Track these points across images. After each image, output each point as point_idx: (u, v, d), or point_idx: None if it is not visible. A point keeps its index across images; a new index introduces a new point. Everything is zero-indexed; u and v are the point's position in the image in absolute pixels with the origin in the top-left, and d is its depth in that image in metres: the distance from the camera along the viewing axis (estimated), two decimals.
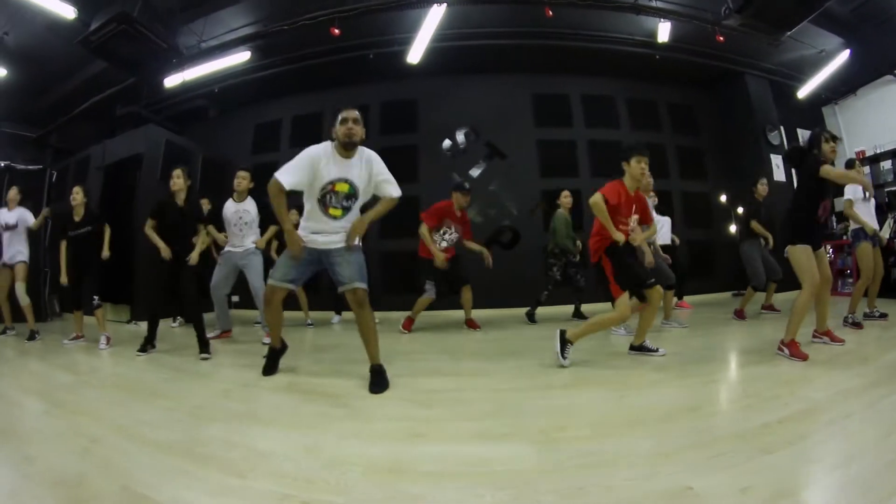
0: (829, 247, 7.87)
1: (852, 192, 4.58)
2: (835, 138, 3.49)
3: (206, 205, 5.38)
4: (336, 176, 2.95)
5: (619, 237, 3.37)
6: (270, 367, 3.34)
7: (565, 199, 5.86)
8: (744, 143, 8.35)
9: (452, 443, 2.02)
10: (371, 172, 3.04)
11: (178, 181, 4.41)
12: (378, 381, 2.90)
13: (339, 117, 2.96)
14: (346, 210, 3.02)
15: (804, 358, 3.12)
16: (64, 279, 4.94)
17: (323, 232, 3.04)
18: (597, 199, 3.40)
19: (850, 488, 1.48)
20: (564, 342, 3.43)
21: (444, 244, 5.26)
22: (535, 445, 1.93)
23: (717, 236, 8.25)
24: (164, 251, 4.26)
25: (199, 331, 4.16)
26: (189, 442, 2.07)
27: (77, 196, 4.95)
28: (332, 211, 2.99)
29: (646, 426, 2.11)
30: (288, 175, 2.88)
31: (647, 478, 1.59)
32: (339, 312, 6.60)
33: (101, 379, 3.51)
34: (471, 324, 5.50)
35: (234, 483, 1.66)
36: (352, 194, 3.00)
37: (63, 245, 4.98)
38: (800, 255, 3.35)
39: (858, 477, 1.54)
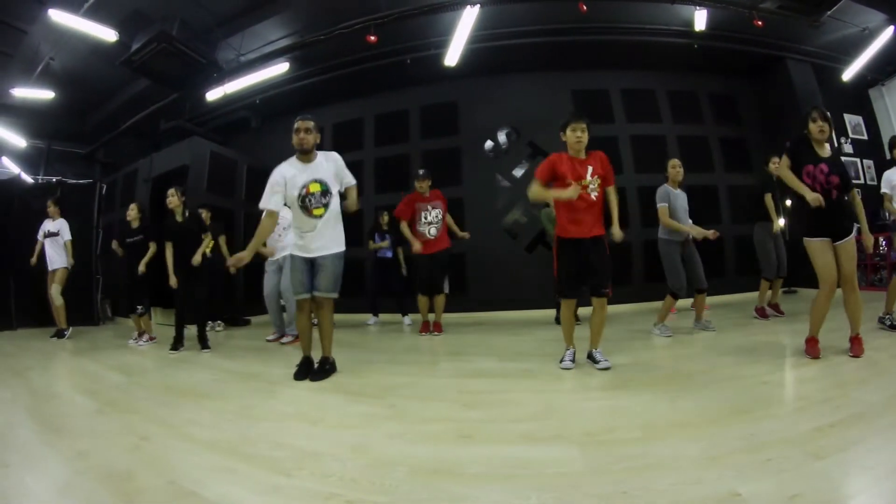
0: (881, 238, 7.43)
1: (888, 185, 4.21)
2: (825, 117, 3.24)
3: (205, 214, 5.60)
4: (307, 179, 3.29)
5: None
6: (300, 374, 3.36)
7: None
8: (788, 131, 7.97)
9: (498, 444, 1.99)
10: (336, 168, 3.39)
11: (173, 199, 4.79)
12: (322, 371, 3.33)
13: (294, 127, 3.34)
14: (326, 207, 3.32)
15: (815, 356, 3.07)
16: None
17: (310, 233, 3.32)
18: (532, 189, 3.35)
19: None
20: None
21: (431, 230, 5.21)
22: (581, 448, 1.88)
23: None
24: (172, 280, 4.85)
25: (178, 328, 4.78)
26: (237, 441, 2.09)
27: (131, 212, 5.43)
28: (315, 212, 3.30)
29: (694, 429, 2.03)
30: (267, 201, 3.30)
31: (693, 482, 1.54)
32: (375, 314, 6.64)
33: (152, 380, 3.62)
34: (436, 327, 5.38)
35: (281, 481, 1.67)
36: (326, 191, 3.32)
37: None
38: (810, 249, 3.18)
39: None
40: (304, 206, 3.28)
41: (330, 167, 3.35)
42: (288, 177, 3.28)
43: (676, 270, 4.51)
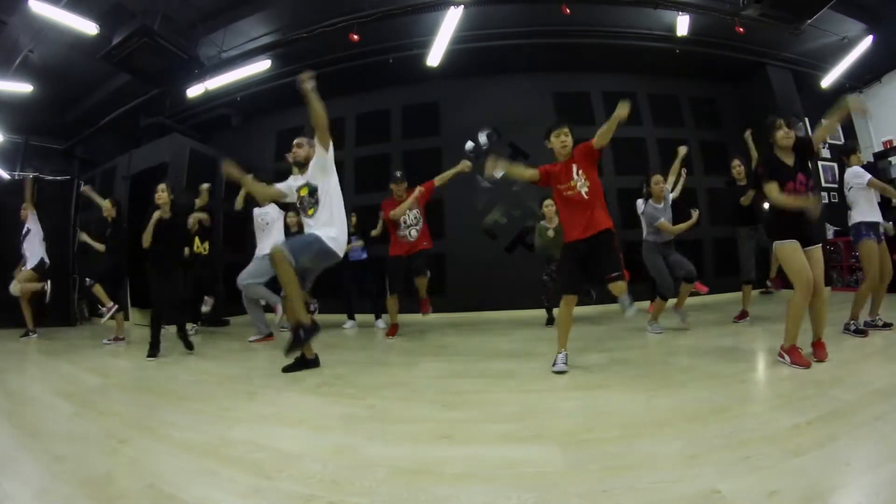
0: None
1: (853, 176, 4.17)
2: (789, 124, 3.31)
3: (201, 218, 5.57)
4: (299, 184, 3.67)
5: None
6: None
7: (547, 208, 5.72)
8: (768, 136, 8.12)
9: (479, 444, 2.00)
10: (315, 161, 3.60)
11: (163, 195, 4.70)
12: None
13: None
14: (316, 204, 3.58)
15: (807, 365, 2.90)
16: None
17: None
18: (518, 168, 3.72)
19: (883, 491, 1.42)
20: None
21: (412, 231, 5.20)
22: (561, 447, 1.90)
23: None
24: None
25: (154, 332, 4.41)
26: (216, 443, 2.08)
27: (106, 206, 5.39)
28: (309, 212, 3.61)
29: (674, 427, 2.07)
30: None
31: (674, 481, 1.56)
32: (352, 317, 6.55)
33: (129, 381, 3.57)
34: (423, 305, 5.39)
35: (261, 484, 1.67)
36: (313, 190, 3.59)
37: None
38: (784, 252, 3.13)
39: (890, 480, 1.47)
40: (301, 207, 3.69)
41: (313, 168, 3.61)
42: (290, 183, 3.73)
43: (660, 273, 4.61)
